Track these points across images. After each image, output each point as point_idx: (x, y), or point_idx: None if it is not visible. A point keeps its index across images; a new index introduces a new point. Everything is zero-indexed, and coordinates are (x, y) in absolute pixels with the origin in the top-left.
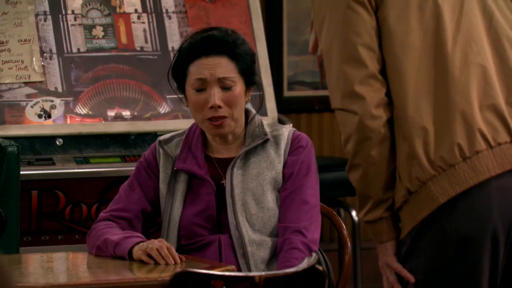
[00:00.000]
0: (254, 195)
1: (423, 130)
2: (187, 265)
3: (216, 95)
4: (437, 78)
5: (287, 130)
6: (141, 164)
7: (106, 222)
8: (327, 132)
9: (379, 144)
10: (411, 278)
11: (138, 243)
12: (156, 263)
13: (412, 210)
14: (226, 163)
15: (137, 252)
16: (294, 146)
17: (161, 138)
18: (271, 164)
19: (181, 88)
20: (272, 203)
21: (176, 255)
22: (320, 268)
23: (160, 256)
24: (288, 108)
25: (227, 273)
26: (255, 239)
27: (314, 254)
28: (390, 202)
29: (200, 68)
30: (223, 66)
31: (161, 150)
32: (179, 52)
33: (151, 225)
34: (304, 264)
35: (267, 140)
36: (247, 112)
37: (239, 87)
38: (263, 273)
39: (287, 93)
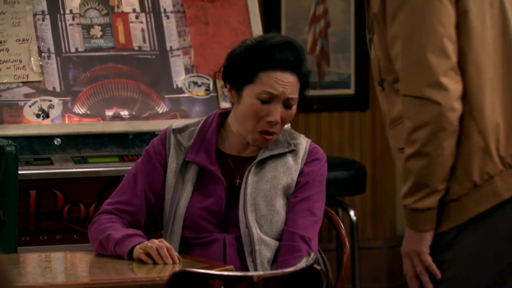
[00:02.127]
0: (266, 197)
1: (497, 126)
2: (185, 264)
3: (279, 112)
4: (506, 75)
5: (304, 140)
6: (148, 152)
7: (109, 215)
8: (325, 132)
9: (451, 136)
10: (438, 274)
11: (139, 243)
12: (155, 263)
13: (469, 204)
14: (241, 162)
15: (137, 251)
16: (311, 157)
17: (175, 126)
18: (288, 170)
19: (235, 85)
20: (281, 208)
21: (175, 255)
22: (318, 267)
23: (159, 256)
24: None
25: (225, 273)
26: (263, 239)
27: (312, 254)
28: (443, 193)
29: (274, 82)
30: (293, 86)
31: (173, 139)
32: (249, 51)
33: (153, 219)
34: (303, 264)
35: (293, 151)
36: None
37: (296, 106)
38: (261, 272)
39: None
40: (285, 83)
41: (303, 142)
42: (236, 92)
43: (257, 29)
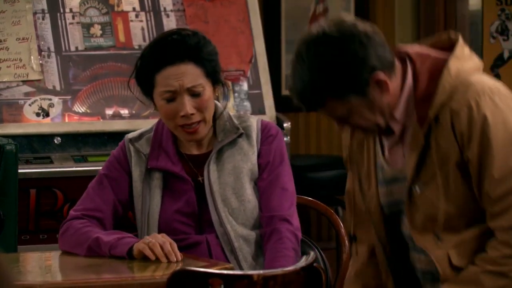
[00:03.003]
0: (233, 190)
1: None
2: (185, 263)
3: (187, 104)
4: None
5: (254, 120)
6: (111, 162)
7: (80, 220)
8: (324, 131)
9: None
10: None
11: (138, 241)
12: (157, 259)
13: None
14: (199, 161)
15: (139, 245)
16: (265, 135)
17: (130, 136)
18: (245, 156)
19: (149, 95)
20: (251, 195)
21: (178, 252)
22: (318, 266)
23: (162, 253)
24: (286, 107)
25: (225, 272)
26: (241, 234)
27: (312, 253)
28: None
29: (167, 80)
30: (190, 74)
31: (132, 148)
32: (142, 60)
33: (118, 227)
34: (302, 262)
35: (241, 134)
36: (214, 106)
37: (208, 91)
38: (261, 271)
39: (285, 92)
40: (179, 75)
41: (254, 123)
42: (150, 99)
43: (257, 28)
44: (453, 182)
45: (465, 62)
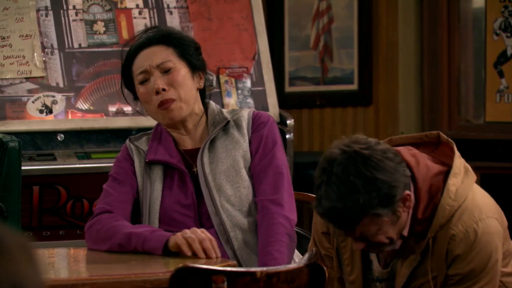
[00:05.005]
0: (227, 177)
1: None
2: (187, 260)
3: (158, 80)
4: None
5: (246, 112)
6: (119, 163)
7: (109, 214)
8: (328, 127)
9: None
10: None
11: (173, 234)
12: (194, 254)
13: None
14: (194, 154)
15: (178, 238)
16: (256, 123)
17: (131, 136)
18: (237, 144)
19: (128, 88)
20: (247, 181)
21: (218, 249)
22: (321, 263)
23: (201, 249)
24: (289, 104)
25: (228, 269)
26: (236, 223)
27: (315, 249)
28: None
29: (139, 62)
30: (159, 52)
31: (132, 146)
32: (122, 64)
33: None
34: (305, 259)
35: (228, 123)
36: (205, 103)
37: (181, 70)
38: (264, 268)
39: (288, 89)
40: (149, 55)
41: (245, 114)
42: (134, 94)
43: (260, 25)
44: None
45: (461, 178)
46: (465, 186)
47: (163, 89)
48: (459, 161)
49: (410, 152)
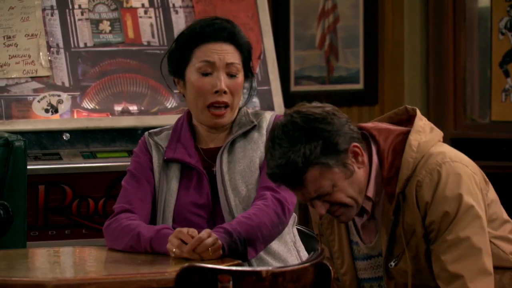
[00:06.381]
0: (243, 178)
1: None
2: (193, 260)
3: (223, 80)
4: None
5: (269, 114)
6: (137, 158)
7: (127, 214)
8: None
9: None
10: None
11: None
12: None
13: None
14: (213, 153)
15: (168, 247)
16: None
17: (150, 131)
18: (255, 145)
19: (178, 73)
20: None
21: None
22: (326, 262)
23: (195, 256)
24: (295, 103)
25: (234, 268)
26: None
27: (320, 249)
28: None
29: (208, 52)
30: (231, 53)
31: (151, 141)
32: (181, 36)
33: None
34: (311, 259)
35: (254, 127)
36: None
37: (241, 78)
38: (269, 267)
39: (294, 88)
40: (219, 51)
41: (267, 116)
42: (181, 79)
43: (266, 24)
44: (422, 255)
45: (425, 135)
46: (428, 140)
47: (224, 92)
48: (422, 122)
49: (370, 122)
